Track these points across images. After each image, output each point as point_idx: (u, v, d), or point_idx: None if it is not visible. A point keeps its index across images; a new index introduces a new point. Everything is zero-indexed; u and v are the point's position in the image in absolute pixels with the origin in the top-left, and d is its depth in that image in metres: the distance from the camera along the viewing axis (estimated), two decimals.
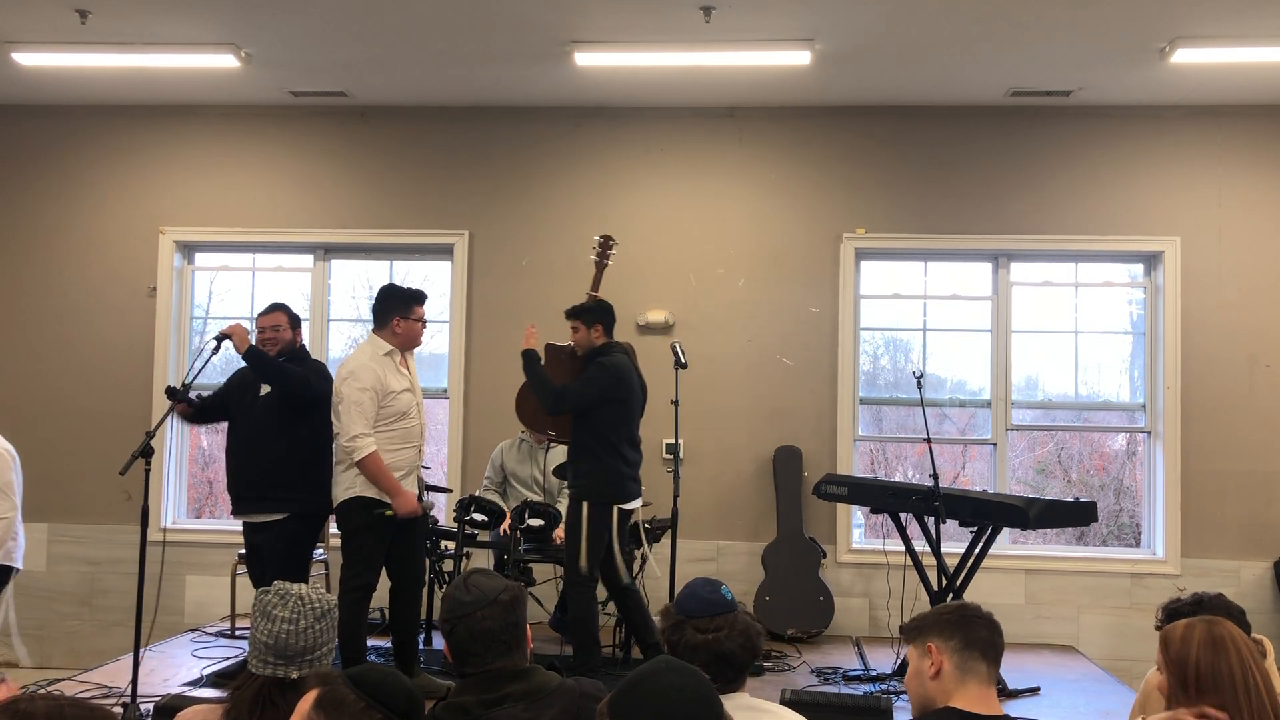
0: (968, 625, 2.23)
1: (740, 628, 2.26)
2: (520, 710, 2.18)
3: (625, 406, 4.88)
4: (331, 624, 2.22)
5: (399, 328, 4.75)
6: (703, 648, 2.22)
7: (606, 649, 5.19)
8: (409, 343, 4.83)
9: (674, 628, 2.30)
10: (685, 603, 2.32)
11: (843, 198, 6.39)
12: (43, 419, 6.55)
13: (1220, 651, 2.22)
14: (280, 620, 2.15)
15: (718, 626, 2.24)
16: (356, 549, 4.65)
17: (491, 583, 2.30)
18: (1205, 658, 2.22)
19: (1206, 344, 6.15)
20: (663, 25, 5.18)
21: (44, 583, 6.49)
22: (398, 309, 4.76)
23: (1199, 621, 2.31)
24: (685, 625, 2.27)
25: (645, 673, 1.75)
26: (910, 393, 5.84)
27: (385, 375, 4.67)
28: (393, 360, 4.75)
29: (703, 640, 2.23)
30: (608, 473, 4.81)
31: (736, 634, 2.25)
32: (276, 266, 6.75)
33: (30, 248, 6.65)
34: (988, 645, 2.22)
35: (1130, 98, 6.14)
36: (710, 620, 2.25)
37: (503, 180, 6.52)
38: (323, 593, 2.26)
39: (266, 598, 2.21)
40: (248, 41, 5.54)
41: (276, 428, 4.77)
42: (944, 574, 5.02)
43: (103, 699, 4.42)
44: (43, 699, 1.69)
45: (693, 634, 2.25)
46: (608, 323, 5.04)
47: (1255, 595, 5.95)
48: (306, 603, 2.19)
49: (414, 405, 4.80)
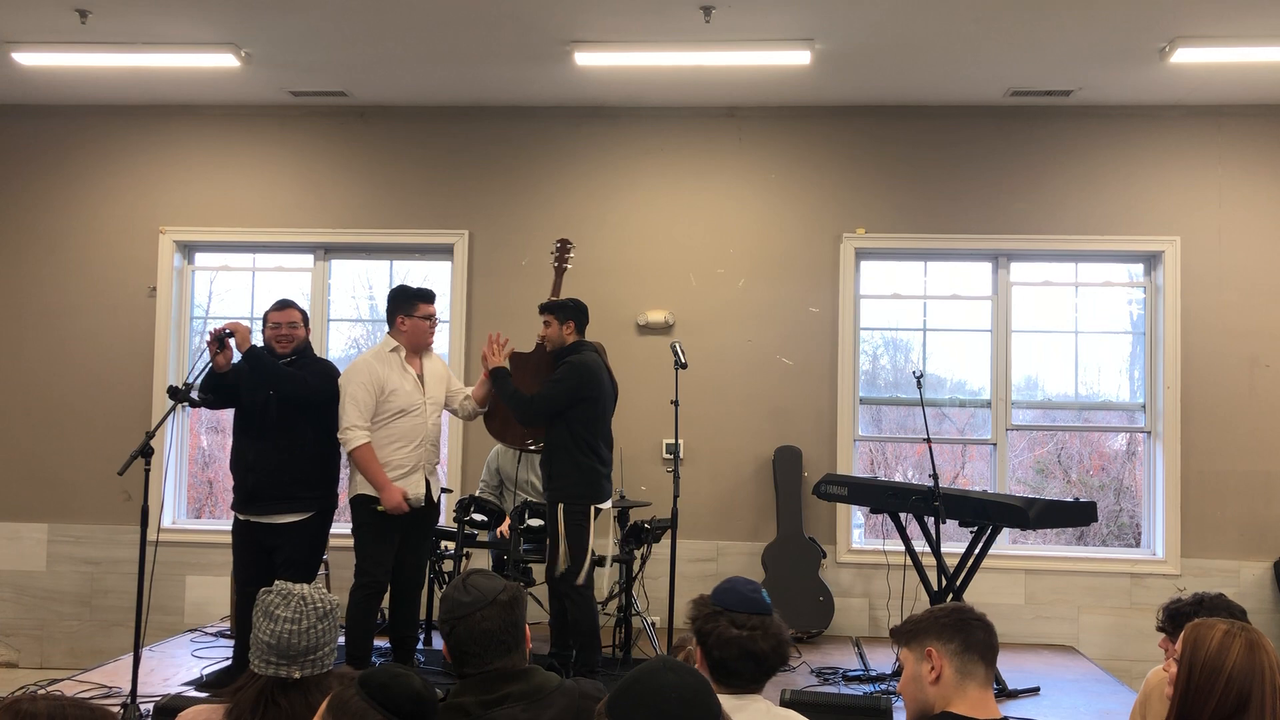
0: (966, 628, 2.21)
1: (774, 631, 2.27)
2: (520, 711, 2.18)
3: (597, 405, 4.84)
4: (333, 624, 2.22)
5: (403, 325, 4.84)
6: (735, 642, 2.23)
7: (606, 649, 5.19)
8: (415, 340, 4.87)
9: (709, 617, 2.29)
10: (724, 596, 2.32)
11: (843, 198, 6.39)
12: (42, 419, 6.56)
13: (1256, 657, 2.17)
14: (282, 620, 2.16)
15: (754, 625, 2.25)
16: (360, 545, 4.70)
17: (490, 583, 2.30)
18: (1241, 664, 2.17)
19: (1206, 344, 6.15)
20: (663, 25, 5.18)
21: (44, 583, 6.49)
22: (402, 307, 4.85)
23: (1236, 628, 2.24)
24: (721, 617, 2.27)
25: (643, 672, 1.75)
26: (910, 393, 5.84)
27: (385, 372, 4.73)
28: (398, 357, 4.81)
29: (737, 635, 2.23)
30: (583, 473, 4.77)
31: (770, 636, 2.25)
32: (276, 266, 6.75)
33: (30, 248, 6.65)
34: (985, 648, 2.20)
35: (1130, 98, 6.14)
36: (748, 617, 2.26)
37: (503, 180, 6.52)
38: (324, 592, 2.27)
39: (268, 598, 2.21)
40: (248, 41, 5.54)
41: (295, 427, 4.70)
42: (944, 574, 5.02)
43: (103, 699, 4.42)
44: (44, 699, 1.69)
45: (728, 627, 2.25)
46: (580, 322, 5.01)
47: (1255, 595, 5.95)
48: (309, 602, 2.20)
49: (420, 403, 4.81)
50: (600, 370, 4.91)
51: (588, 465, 4.78)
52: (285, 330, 4.79)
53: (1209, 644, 2.22)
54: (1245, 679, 2.17)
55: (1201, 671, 2.20)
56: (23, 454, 6.59)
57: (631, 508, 5.39)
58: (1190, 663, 2.23)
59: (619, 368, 6.33)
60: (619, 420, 6.20)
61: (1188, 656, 2.25)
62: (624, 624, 5.16)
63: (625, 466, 6.00)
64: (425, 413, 4.84)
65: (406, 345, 4.85)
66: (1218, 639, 2.23)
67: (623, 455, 5.99)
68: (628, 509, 5.39)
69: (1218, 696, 2.17)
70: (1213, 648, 2.21)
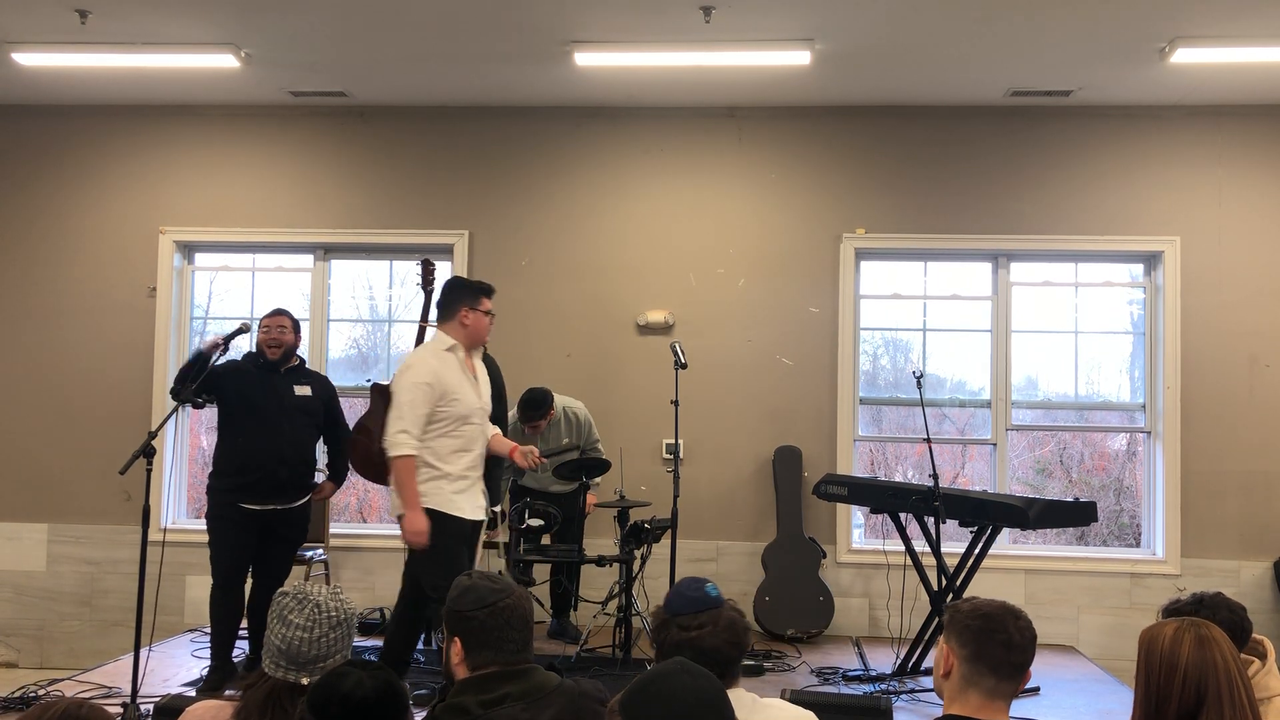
0: (984, 639, 2.11)
1: (724, 624, 2.24)
2: (519, 710, 2.18)
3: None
4: (346, 632, 2.20)
5: (467, 319, 4.42)
6: (686, 645, 2.21)
7: (606, 649, 5.19)
8: (475, 338, 4.47)
9: (660, 627, 2.30)
10: (671, 602, 2.32)
11: (843, 198, 6.39)
12: (43, 419, 6.56)
13: (1207, 651, 2.17)
14: (295, 626, 2.14)
15: (700, 624, 2.23)
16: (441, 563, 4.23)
17: (500, 579, 2.31)
18: (1194, 659, 2.16)
19: (1206, 344, 6.15)
20: (663, 25, 5.18)
21: (44, 583, 6.49)
22: (466, 299, 4.46)
23: (1186, 624, 2.23)
24: (670, 624, 2.27)
25: (658, 673, 1.77)
26: (910, 393, 5.84)
27: (445, 372, 4.29)
28: (455, 356, 4.38)
29: (686, 637, 2.22)
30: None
31: (720, 630, 2.23)
32: (276, 266, 6.75)
33: (30, 248, 6.65)
34: (999, 663, 2.09)
35: (1130, 98, 6.14)
36: (694, 617, 2.24)
37: (503, 180, 6.53)
38: (341, 600, 2.23)
39: (284, 601, 2.19)
40: (248, 41, 5.54)
41: (296, 417, 4.91)
42: (944, 574, 5.01)
43: (103, 699, 4.42)
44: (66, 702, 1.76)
45: (676, 632, 2.24)
46: None
47: (1255, 595, 5.95)
48: (323, 610, 2.17)
49: (478, 409, 4.41)
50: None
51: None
52: (274, 334, 4.92)
53: (1161, 645, 2.22)
54: (1199, 673, 2.16)
55: (1159, 672, 2.20)
56: (23, 454, 6.58)
57: (631, 508, 5.39)
58: (1147, 666, 2.23)
59: (619, 367, 6.35)
60: (619, 420, 6.23)
61: (1143, 660, 2.24)
62: (624, 624, 5.16)
63: (625, 466, 6.00)
64: (484, 420, 4.48)
65: (464, 342, 4.42)
66: (1169, 638, 2.22)
67: (623, 455, 5.99)
68: (628, 509, 5.39)
69: (1177, 695, 2.17)
70: (1165, 647, 2.21)
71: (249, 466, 4.79)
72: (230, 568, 4.81)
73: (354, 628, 2.23)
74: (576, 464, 5.53)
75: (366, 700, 1.85)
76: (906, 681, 4.99)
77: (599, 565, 5.38)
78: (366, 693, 1.85)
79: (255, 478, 4.78)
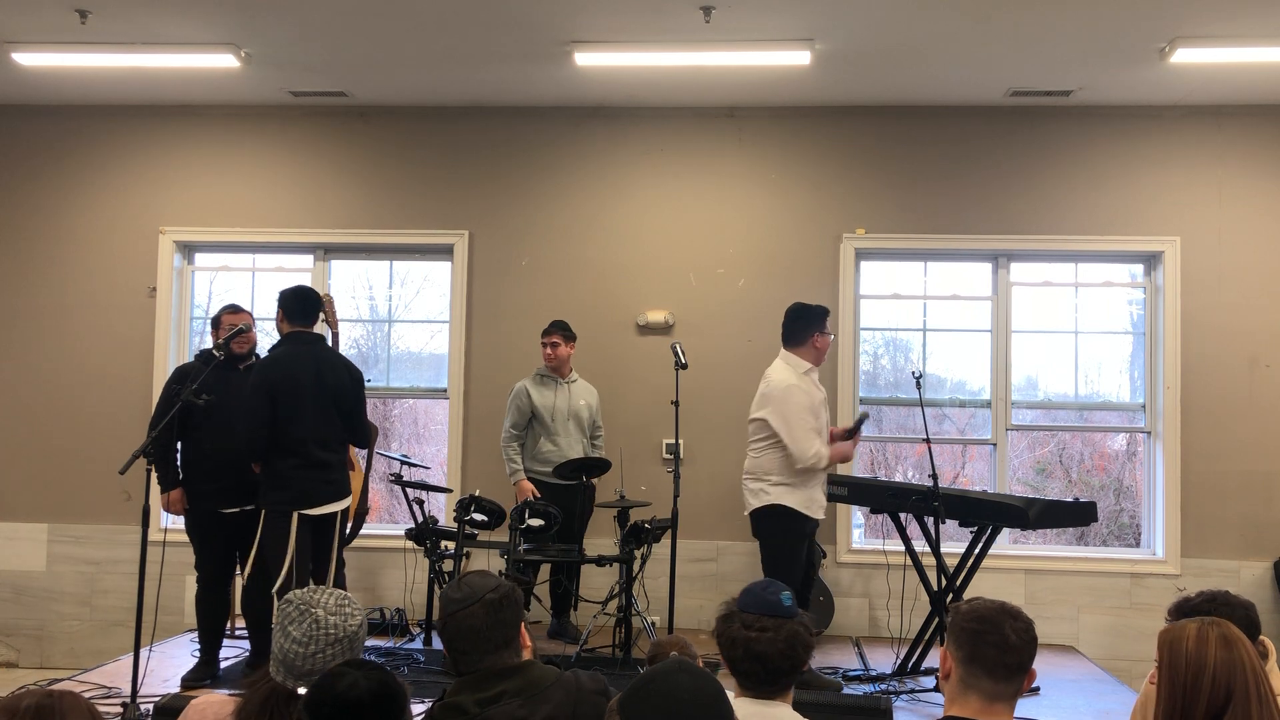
0: (977, 641, 2.11)
1: (785, 634, 2.23)
2: (516, 707, 2.18)
3: (292, 401, 4.54)
4: (346, 648, 2.13)
5: (819, 343, 4.95)
6: (741, 643, 2.21)
7: (606, 649, 5.19)
8: (821, 358, 5.02)
9: (724, 618, 2.29)
10: (742, 598, 2.32)
11: (843, 198, 6.39)
12: (43, 419, 6.56)
13: (1234, 649, 2.16)
14: (292, 639, 2.11)
15: (764, 627, 2.22)
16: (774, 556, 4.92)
17: (484, 582, 2.31)
18: (1222, 658, 2.14)
19: (1206, 344, 6.15)
20: (663, 25, 5.18)
21: (44, 583, 6.49)
22: (817, 324, 4.95)
23: (1208, 624, 2.21)
24: (734, 618, 2.27)
25: (657, 673, 1.77)
26: (910, 393, 5.84)
27: (813, 393, 4.89)
28: (811, 379, 4.94)
29: (745, 635, 2.22)
30: (280, 477, 4.56)
31: (780, 639, 2.22)
32: (276, 266, 6.75)
33: (30, 248, 6.65)
34: (995, 665, 2.09)
35: (1130, 98, 6.13)
36: (759, 619, 2.24)
37: (503, 180, 6.52)
38: (349, 614, 2.16)
39: (288, 609, 2.15)
40: (248, 41, 5.54)
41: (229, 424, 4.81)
42: (944, 574, 5.01)
43: (103, 699, 4.43)
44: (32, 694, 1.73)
45: (738, 628, 2.24)
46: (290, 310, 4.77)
47: (1255, 595, 5.93)
48: (321, 626, 2.11)
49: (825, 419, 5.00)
50: (292, 363, 4.60)
51: (286, 468, 4.56)
52: (251, 335, 4.99)
53: (1186, 645, 2.20)
54: (1227, 672, 2.16)
55: (1186, 672, 2.18)
56: (23, 454, 6.59)
57: (631, 508, 5.39)
58: (1172, 666, 2.21)
59: (619, 367, 6.34)
60: (619, 420, 6.23)
61: (1167, 660, 2.22)
62: (624, 624, 5.15)
63: (625, 466, 6.00)
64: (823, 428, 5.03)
65: (813, 362, 4.96)
66: (1193, 637, 2.21)
67: (623, 455, 5.99)
68: (628, 509, 5.39)
69: (1206, 694, 2.15)
70: (1191, 647, 2.20)
71: (220, 471, 4.83)
72: (210, 574, 4.98)
73: (358, 641, 2.16)
74: (577, 463, 5.53)
75: (361, 701, 1.84)
76: (906, 681, 5.00)
77: (599, 565, 5.39)
78: (361, 693, 1.85)
79: (230, 482, 4.82)
